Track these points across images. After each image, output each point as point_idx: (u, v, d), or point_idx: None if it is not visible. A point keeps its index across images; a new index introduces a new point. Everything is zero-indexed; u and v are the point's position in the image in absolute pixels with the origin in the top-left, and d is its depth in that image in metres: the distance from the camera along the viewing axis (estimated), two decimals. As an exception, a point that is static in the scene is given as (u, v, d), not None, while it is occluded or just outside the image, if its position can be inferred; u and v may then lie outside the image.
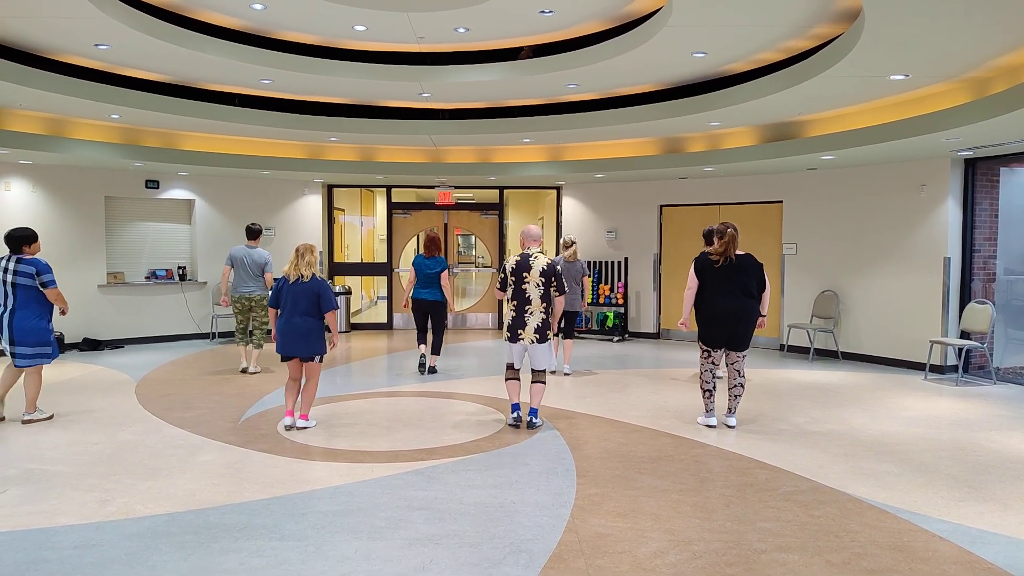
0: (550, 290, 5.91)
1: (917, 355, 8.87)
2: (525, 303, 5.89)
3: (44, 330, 6.01)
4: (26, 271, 5.89)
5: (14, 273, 5.89)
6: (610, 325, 11.89)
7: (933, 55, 5.63)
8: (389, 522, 4.02)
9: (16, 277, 5.89)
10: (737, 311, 5.98)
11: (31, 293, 5.92)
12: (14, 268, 5.89)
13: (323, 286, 5.91)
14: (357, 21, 6.44)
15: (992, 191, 8.73)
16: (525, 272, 5.88)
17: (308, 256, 5.93)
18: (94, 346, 10.34)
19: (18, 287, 5.89)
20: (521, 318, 5.91)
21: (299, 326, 5.81)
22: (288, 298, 5.87)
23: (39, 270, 5.91)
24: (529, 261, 5.90)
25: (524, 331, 5.89)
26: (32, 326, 5.94)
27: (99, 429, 5.95)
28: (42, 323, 6.00)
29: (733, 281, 5.98)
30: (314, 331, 5.86)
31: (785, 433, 5.96)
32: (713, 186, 11.21)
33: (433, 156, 11.34)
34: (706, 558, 3.61)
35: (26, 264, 5.90)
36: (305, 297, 5.84)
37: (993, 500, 4.45)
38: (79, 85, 7.32)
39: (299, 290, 5.85)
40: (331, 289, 6.02)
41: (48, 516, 4.09)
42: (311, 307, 5.85)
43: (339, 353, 10.21)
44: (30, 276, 5.89)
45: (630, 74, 7.34)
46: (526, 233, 6.14)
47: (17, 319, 5.90)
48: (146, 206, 11.17)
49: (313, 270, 5.92)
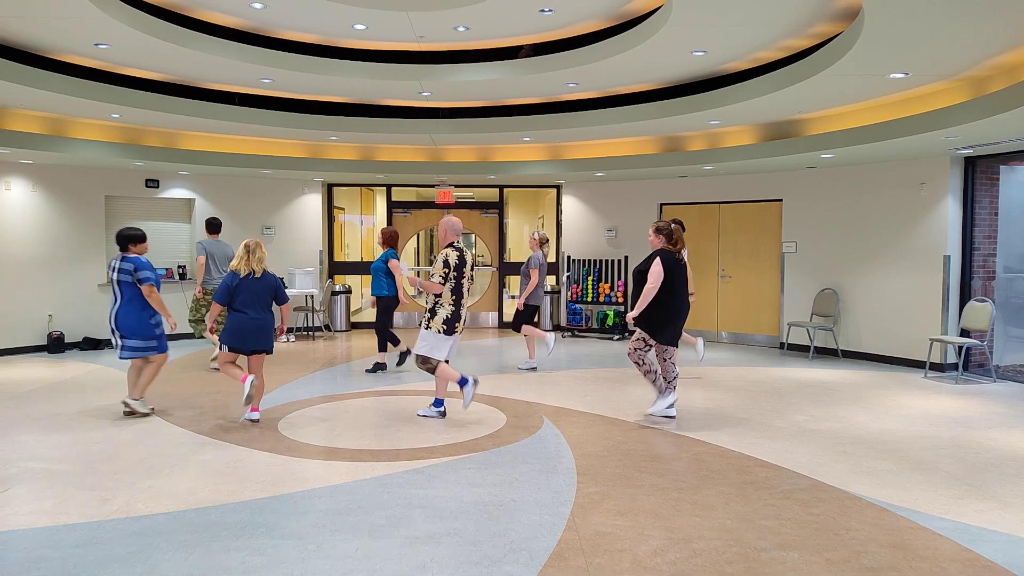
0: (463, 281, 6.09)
1: (917, 353, 8.88)
2: (462, 296, 6.07)
3: (147, 324, 6.27)
4: (127, 268, 6.18)
5: (119, 271, 6.20)
6: (610, 323, 11.90)
7: (932, 54, 5.64)
8: (389, 520, 4.03)
9: (119, 275, 6.20)
10: (687, 309, 6.29)
11: (132, 289, 6.21)
12: (119, 266, 6.21)
13: (278, 281, 6.28)
14: (357, 20, 6.45)
15: (992, 189, 8.73)
16: (464, 267, 6.06)
17: (259, 252, 6.19)
18: (94, 345, 10.34)
19: (122, 284, 6.20)
20: (458, 312, 6.06)
21: (257, 321, 6.07)
22: (242, 294, 6.06)
23: (137, 267, 6.21)
24: (464, 256, 6.07)
25: (460, 323, 6.06)
26: (135, 319, 6.21)
27: (100, 428, 5.96)
28: (144, 315, 6.25)
29: (684, 279, 6.22)
30: (269, 325, 6.15)
31: (785, 431, 5.97)
32: (713, 184, 11.21)
33: (433, 155, 11.35)
34: (706, 556, 3.62)
35: (127, 262, 6.20)
36: (261, 293, 6.10)
37: (993, 498, 4.46)
38: (79, 85, 7.33)
39: (254, 286, 6.08)
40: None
41: (50, 515, 4.10)
42: (267, 302, 6.12)
43: (339, 352, 10.22)
44: (129, 273, 6.18)
45: (630, 73, 7.34)
46: (448, 226, 6.12)
47: (122, 314, 6.20)
48: (146, 205, 11.18)
49: (264, 265, 6.16)
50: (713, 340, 11.21)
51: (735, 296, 11.12)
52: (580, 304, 12.21)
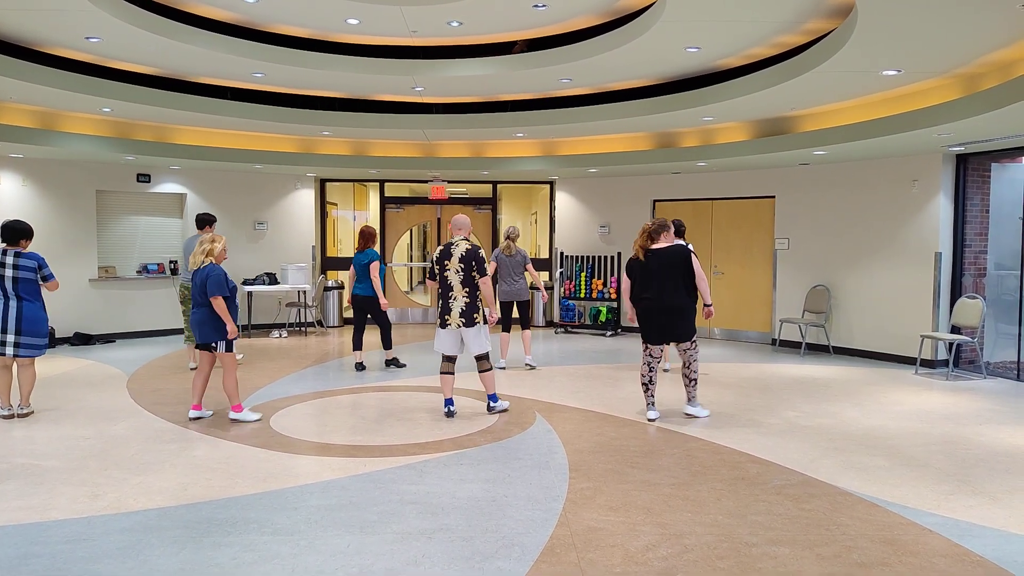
0: (471, 274, 6.09)
1: (908, 350, 8.92)
2: (448, 289, 6.13)
3: (46, 322, 6.13)
4: (29, 265, 5.96)
5: (18, 268, 5.93)
6: (603, 320, 11.90)
7: (925, 51, 5.65)
8: (381, 516, 4.03)
9: (19, 272, 5.93)
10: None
11: (34, 287, 6.01)
12: (15, 263, 5.94)
13: (211, 272, 5.89)
14: (350, 14, 6.42)
15: (983, 186, 8.76)
16: (446, 260, 6.14)
17: (206, 244, 6.01)
18: (85, 340, 10.30)
19: (20, 281, 5.94)
20: (447, 304, 6.14)
21: (196, 315, 5.96)
22: (192, 289, 6.04)
23: (40, 264, 6.02)
24: (450, 249, 6.16)
25: (450, 316, 6.11)
26: (39, 317, 6.05)
27: (90, 424, 5.93)
28: (45, 315, 6.12)
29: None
30: (207, 320, 5.91)
31: (776, 427, 5.98)
32: (706, 181, 11.22)
33: (426, 150, 11.32)
34: (697, 551, 3.62)
35: (27, 258, 5.98)
36: (198, 286, 5.94)
37: (982, 493, 4.48)
38: (70, 78, 7.27)
39: (196, 280, 5.97)
40: (220, 275, 5.90)
41: (39, 511, 4.08)
42: (203, 296, 5.93)
43: (332, 347, 10.19)
44: (32, 270, 5.97)
45: (623, 69, 7.33)
46: (453, 222, 6.36)
47: (27, 312, 5.98)
48: (137, 200, 11.12)
49: (209, 258, 5.96)
50: (705, 336, 11.23)
51: (728, 292, 11.14)
52: (573, 300, 12.21)
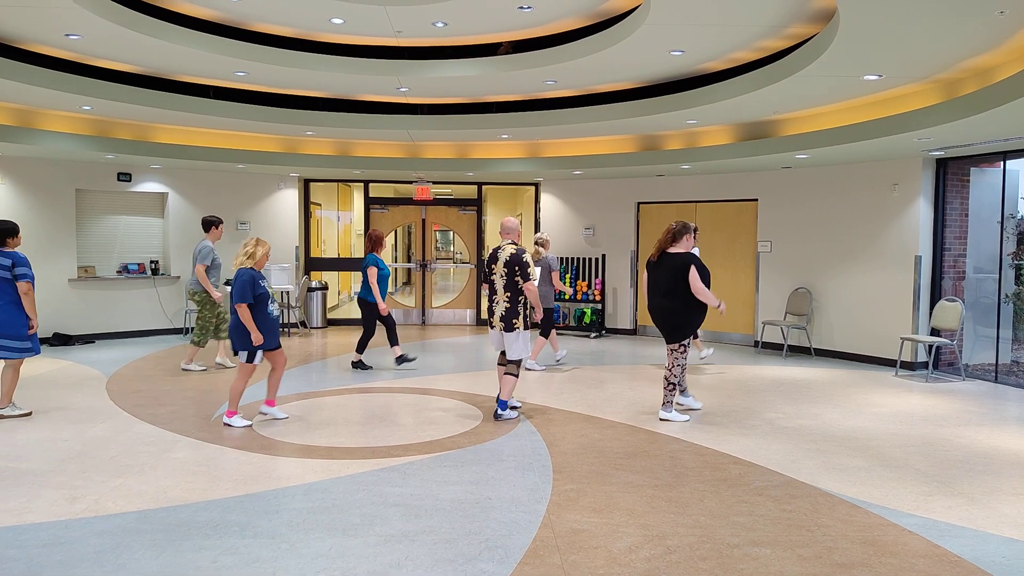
0: (514, 279, 6.15)
1: (888, 352, 9.00)
2: (492, 292, 6.29)
3: (25, 323, 5.97)
4: (3, 263, 5.87)
5: None
6: (587, 321, 11.93)
7: (906, 56, 5.71)
8: (364, 519, 4.01)
9: None
10: None
11: (9, 286, 5.90)
12: None
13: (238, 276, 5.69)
14: (334, 14, 6.39)
15: (963, 190, 8.87)
16: (493, 264, 6.28)
17: (249, 247, 5.90)
18: (64, 341, 10.17)
19: None
20: (491, 306, 6.30)
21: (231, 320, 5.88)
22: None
23: (15, 262, 5.90)
24: (497, 253, 6.28)
25: (493, 318, 6.26)
26: (16, 318, 5.91)
27: (69, 425, 5.85)
28: (22, 314, 5.96)
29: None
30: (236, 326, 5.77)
31: (758, 429, 6.02)
32: (690, 184, 11.28)
33: (411, 151, 11.29)
34: (680, 552, 3.64)
35: (4, 257, 5.89)
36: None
37: (961, 494, 4.53)
38: (50, 75, 7.18)
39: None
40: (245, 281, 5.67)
41: (16, 514, 4.02)
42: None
43: (315, 349, 10.14)
44: (7, 269, 5.87)
45: (608, 71, 7.36)
46: (501, 226, 6.51)
47: (1, 313, 5.86)
48: (118, 199, 11.00)
49: (250, 261, 5.81)
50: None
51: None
52: (558, 302, 12.22)
